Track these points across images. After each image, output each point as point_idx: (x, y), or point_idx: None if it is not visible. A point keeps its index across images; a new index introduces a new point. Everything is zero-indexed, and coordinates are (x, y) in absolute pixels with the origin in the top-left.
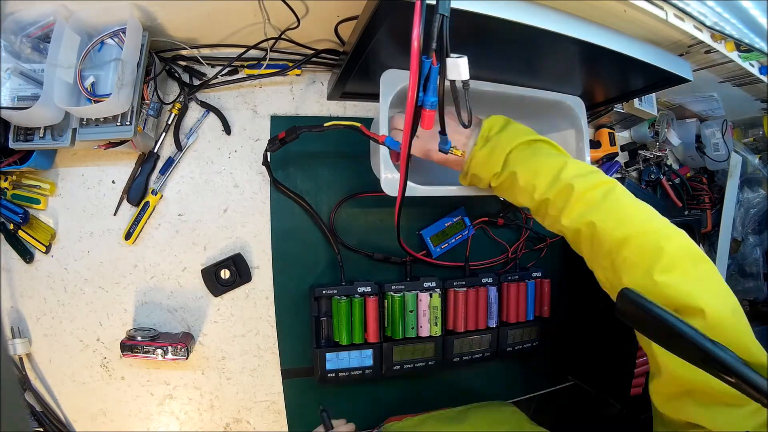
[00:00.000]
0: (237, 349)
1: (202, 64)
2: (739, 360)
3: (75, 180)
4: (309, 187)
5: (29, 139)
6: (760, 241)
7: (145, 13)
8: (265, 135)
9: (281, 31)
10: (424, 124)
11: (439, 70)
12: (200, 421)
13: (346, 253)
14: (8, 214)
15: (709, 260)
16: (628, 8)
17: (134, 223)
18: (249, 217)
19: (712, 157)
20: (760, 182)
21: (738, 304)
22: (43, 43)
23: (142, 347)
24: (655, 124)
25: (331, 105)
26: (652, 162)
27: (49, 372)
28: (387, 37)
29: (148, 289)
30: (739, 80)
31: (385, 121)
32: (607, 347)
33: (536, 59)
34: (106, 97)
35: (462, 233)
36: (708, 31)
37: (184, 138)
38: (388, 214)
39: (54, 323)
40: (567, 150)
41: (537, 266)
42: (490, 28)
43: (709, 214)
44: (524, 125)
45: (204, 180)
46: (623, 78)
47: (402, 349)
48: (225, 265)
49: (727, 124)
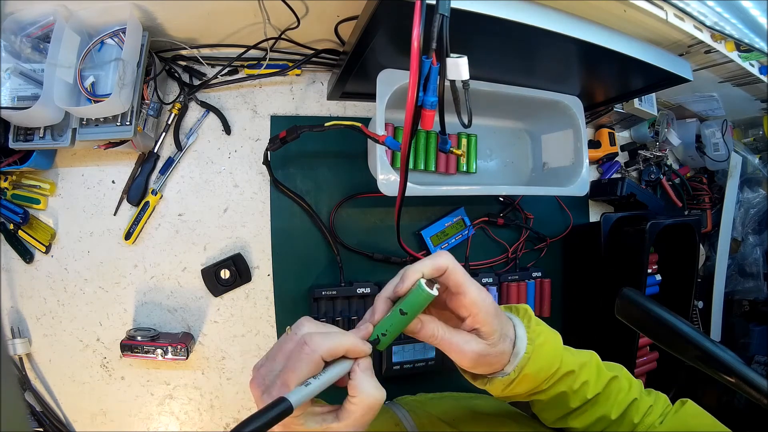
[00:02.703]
0: (237, 349)
1: (202, 64)
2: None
3: (75, 180)
4: (309, 187)
5: (29, 139)
6: (760, 241)
7: (145, 13)
8: (265, 135)
9: (281, 31)
10: (424, 124)
11: (439, 70)
12: (200, 421)
13: (346, 254)
14: (8, 214)
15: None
16: (628, 8)
17: (134, 223)
18: (249, 217)
19: (712, 157)
20: (760, 182)
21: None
22: (43, 43)
23: (142, 347)
24: (655, 124)
25: (331, 105)
26: (652, 162)
27: (49, 372)
28: (387, 37)
29: (148, 289)
30: (739, 80)
31: (381, 121)
32: (607, 347)
33: (535, 59)
34: (106, 97)
35: (462, 233)
36: (708, 31)
37: (184, 138)
38: (387, 214)
39: (54, 323)
40: (565, 149)
41: (537, 266)
42: (490, 28)
43: (709, 214)
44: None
45: (204, 180)
46: (623, 78)
47: (402, 350)
48: (225, 265)
49: (727, 124)
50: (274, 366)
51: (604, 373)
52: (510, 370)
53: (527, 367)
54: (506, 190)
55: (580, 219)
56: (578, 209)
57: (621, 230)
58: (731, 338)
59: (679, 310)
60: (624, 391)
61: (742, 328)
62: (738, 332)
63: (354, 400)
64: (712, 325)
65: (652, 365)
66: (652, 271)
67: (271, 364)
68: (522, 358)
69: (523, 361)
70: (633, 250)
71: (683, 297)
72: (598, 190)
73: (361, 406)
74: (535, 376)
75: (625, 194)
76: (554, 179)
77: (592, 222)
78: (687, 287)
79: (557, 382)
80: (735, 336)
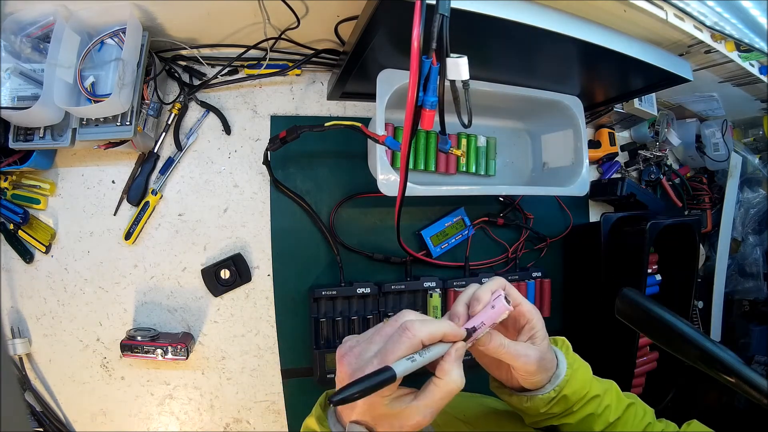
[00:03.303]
0: (237, 349)
1: (202, 64)
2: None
3: (75, 180)
4: (309, 187)
5: (29, 139)
6: (760, 241)
7: (145, 13)
8: (265, 135)
9: (281, 31)
10: (423, 124)
11: (439, 70)
12: (200, 421)
13: (346, 254)
14: (8, 214)
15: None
16: (628, 8)
17: (134, 223)
18: (249, 217)
19: (712, 157)
20: (760, 182)
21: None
22: (43, 43)
23: (142, 347)
24: (655, 124)
25: (331, 105)
26: (652, 162)
27: (49, 372)
28: (387, 37)
29: (148, 289)
30: (739, 80)
31: (381, 121)
32: (607, 347)
33: (535, 59)
34: (106, 97)
35: (462, 233)
36: (708, 31)
37: (184, 138)
38: (387, 214)
39: (54, 323)
40: (565, 150)
41: (537, 266)
42: (490, 28)
43: (709, 214)
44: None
45: (204, 180)
46: (623, 78)
47: None
48: (225, 265)
49: (727, 124)
50: (370, 347)
51: (622, 399)
52: (551, 389)
53: (566, 388)
54: (506, 190)
55: (580, 219)
56: (578, 209)
57: (621, 230)
58: (731, 338)
59: (679, 310)
60: (639, 416)
61: (742, 328)
62: (738, 332)
63: (439, 382)
64: (712, 325)
65: (652, 365)
66: (652, 271)
67: (367, 345)
68: (562, 380)
69: (563, 382)
70: (633, 250)
71: (683, 297)
72: (598, 190)
73: (443, 389)
74: (570, 397)
75: (625, 194)
76: (554, 179)
77: (592, 222)
78: (687, 287)
79: (585, 405)
80: (735, 336)
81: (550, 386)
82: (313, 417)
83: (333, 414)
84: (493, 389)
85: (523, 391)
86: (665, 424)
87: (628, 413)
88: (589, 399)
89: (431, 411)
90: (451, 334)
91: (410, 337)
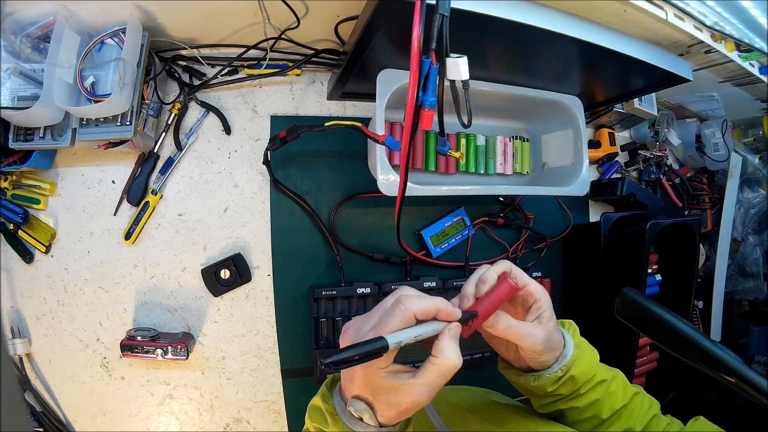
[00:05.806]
0: (237, 349)
1: (202, 64)
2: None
3: (75, 180)
4: (309, 187)
5: (29, 139)
6: (760, 241)
7: (145, 13)
8: (265, 135)
9: (281, 31)
10: (423, 124)
11: (439, 69)
12: (200, 421)
13: (346, 253)
14: (8, 214)
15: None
16: (628, 8)
17: (134, 223)
18: (249, 217)
19: (712, 157)
20: (760, 182)
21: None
22: (43, 43)
23: (142, 347)
24: (655, 124)
25: (331, 105)
26: (652, 162)
27: (49, 372)
28: (387, 37)
29: (148, 289)
30: (739, 80)
31: (381, 121)
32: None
33: (535, 59)
34: (106, 97)
35: (462, 233)
36: (708, 31)
37: (184, 138)
38: (387, 214)
39: (54, 323)
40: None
41: (537, 266)
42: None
43: (709, 214)
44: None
45: (204, 180)
46: (623, 78)
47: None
48: (225, 265)
49: (727, 124)
50: (369, 321)
51: (629, 387)
52: (557, 369)
53: (573, 368)
54: (506, 190)
55: (580, 219)
56: (578, 209)
57: (621, 230)
58: (731, 338)
59: (679, 310)
60: (646, 406)
61: (742, 328)
62: (738, 332)
63: (435, 360)
64: (712, 325)
65: (652, 365)
66: (652, 271)
67: (367, 320)
68: (569, 360)
69: (570, 362)
70: (633, 250)
71: (683, 297)
72: (598, 190)
73: (439, 368)
74: (577, 379)
75: (625, 194)
76: (554, 179)
77: (592, 222)
78: (687, 287)
79: (592, 389)
80: (735, 336)
81: (557, 366)
82: (318, 396)
83: (338, 393)
84: (501, 370)
85: (531, 371)
86: (670, 419)
87: (635, 402)
88: (597, 383)
89: (428, 389)
90: (444, 311)
91: (403, 310)
